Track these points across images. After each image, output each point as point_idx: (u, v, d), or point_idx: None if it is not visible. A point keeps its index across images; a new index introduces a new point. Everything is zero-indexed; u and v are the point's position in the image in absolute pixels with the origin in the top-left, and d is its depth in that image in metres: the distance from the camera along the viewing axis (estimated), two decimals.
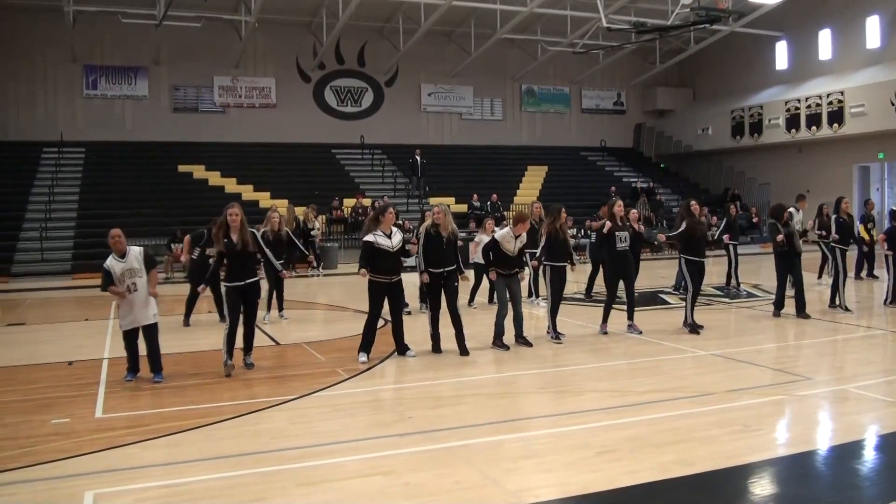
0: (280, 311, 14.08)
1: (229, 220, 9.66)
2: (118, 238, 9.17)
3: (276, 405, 8.00)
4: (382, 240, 10.05)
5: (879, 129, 30.77)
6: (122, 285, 9.07)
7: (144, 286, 9.19)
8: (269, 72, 35.44)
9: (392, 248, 10.10)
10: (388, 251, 10.05)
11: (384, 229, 10.14)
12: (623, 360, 10.33)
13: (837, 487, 5.87)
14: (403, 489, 5.62)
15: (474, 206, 29.87)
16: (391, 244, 10.09)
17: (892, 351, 11.17)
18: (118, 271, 9.07)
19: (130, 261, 9.17)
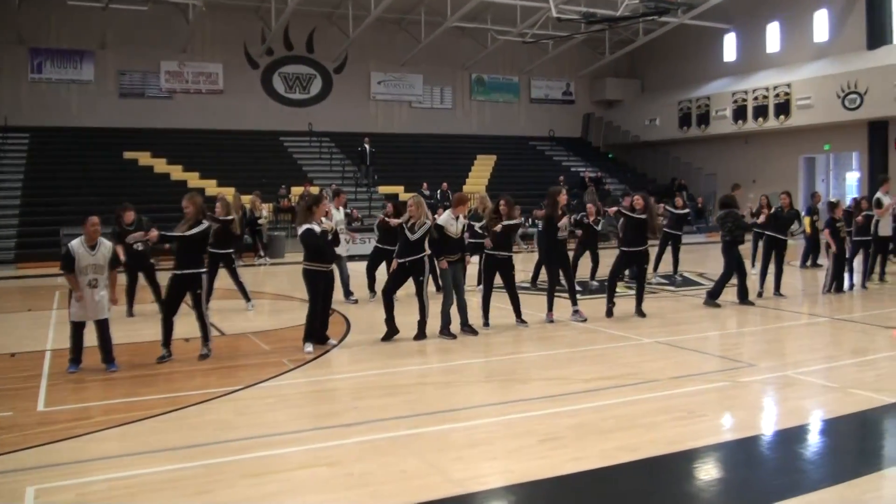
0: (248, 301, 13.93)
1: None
2: (97, 227, 9.12)
3: (221, 396, 7.93)
4: (317, 227, 10.05)
5: (826, 122, 31.33)
6: (84, 278, 8.95)
7: (104, 284, 9.09)
8: (216, 57, 34.88)
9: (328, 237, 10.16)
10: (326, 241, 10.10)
11: (316, 219, 10.15)
12: (569, 349, 10.38)
13: (782, 471, 5.98)
14: (348, 479, 5.61)
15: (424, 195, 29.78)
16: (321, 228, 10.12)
17: (833, 337, 11.41)
18: (84, 262, 8.94)
19: (99, 256, 9.07)
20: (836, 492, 5.41)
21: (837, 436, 6.95)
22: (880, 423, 7.29)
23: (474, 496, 5.35)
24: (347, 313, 13.04)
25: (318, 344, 10.25)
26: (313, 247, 10.01)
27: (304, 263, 10.18)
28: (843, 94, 30.22)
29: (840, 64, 31.12)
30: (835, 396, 7.92)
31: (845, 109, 30.23)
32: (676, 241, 17.57)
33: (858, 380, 8.58)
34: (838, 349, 10.55)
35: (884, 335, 11.48)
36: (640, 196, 12.82)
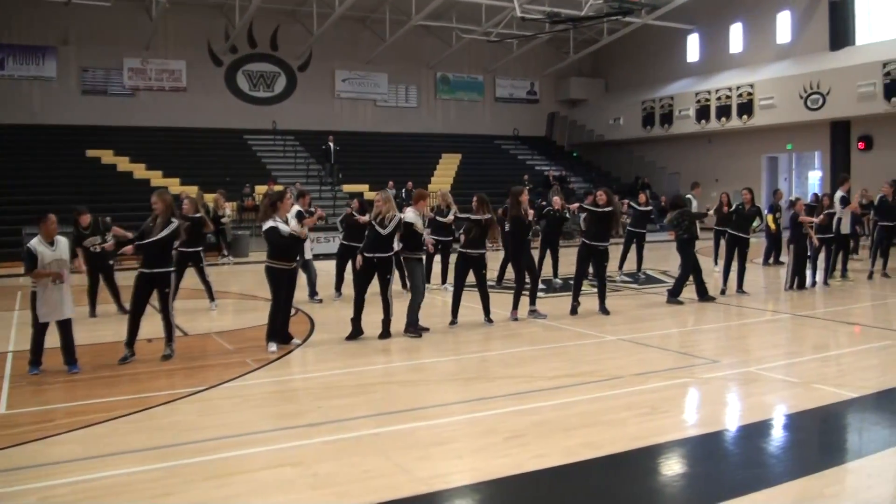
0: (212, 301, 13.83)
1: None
2: (55, 225, 9.03)
3: (184, 397, 7.86)
4: (282, 226, 10.00)
5: (788, 122, 31.67)
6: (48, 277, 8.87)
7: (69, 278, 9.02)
8: (179, 54, 34.53)
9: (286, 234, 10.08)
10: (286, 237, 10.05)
11: (282, 216, 10.10)
12: (533, 346, 10.43)
13: (745, 465, 6.06)
14: (312, 480, 5.59)
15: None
16: (286, 230, 10.07)
17: (796, 334, 11.55)
18: (47, 259, 8.84)
19: (60, 251, 8.99)
20: (798, 485, 5.48)
21: (800, 430, 7.05)
22: (842, 418, 7.39)
23: (439, 495, 5.35)
24: (312, 313, 12.98)
25: (281, 343, 10.21)
26: (277, 244, 9.95)
27: (267, 261, 10.13)
28: (805, 94, 30.56)
29: (803, 65, 31.49)
30: (797, 392, 8.02)
31: (808, 110, 30.59)
32: (641, 239, 17.70)
33: (820, 375, 8.70)
34: (800, 345, 10.68)
35: (845, 331, 11.66)
36: (603, 191, 12.90)
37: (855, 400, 7.66)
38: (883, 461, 6.06)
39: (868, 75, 28.38)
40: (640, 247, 17.72)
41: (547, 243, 16.31)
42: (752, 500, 5.20)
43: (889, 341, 10.51)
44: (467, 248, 11.58)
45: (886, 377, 8.53)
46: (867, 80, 28.35)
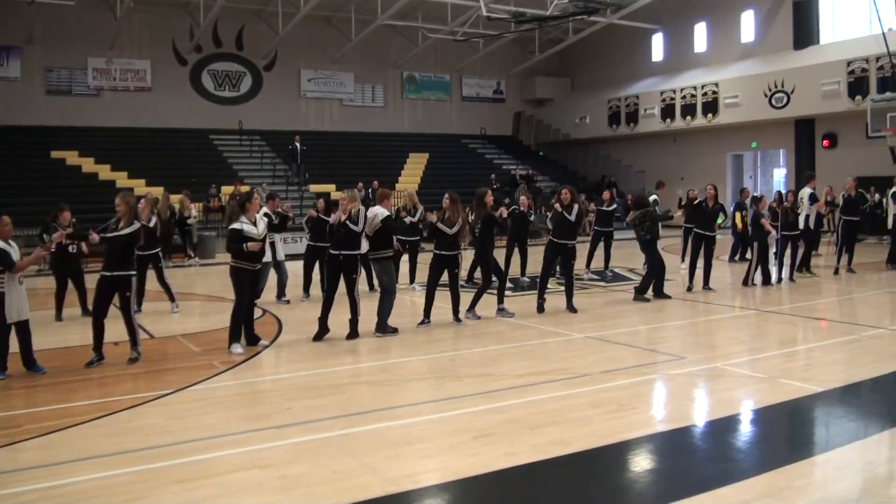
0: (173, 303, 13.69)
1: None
2: (9, 226, 8.93)
3: (152, 400, 7.78)
4: (249, 227, 9.96)
5: (752, 120, 32.03)
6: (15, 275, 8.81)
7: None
8: (144, 54, 34.25)
9: (258, 236, 10.04)
10: (255, 238, 9.97)
11: (249, 217, 10.06)
12: (501, 345, 10.45)
13: (713, 460, 6.12)
14: (281, 482, 5.56)
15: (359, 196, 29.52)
16: (257, 231, 10.05)
17: (762, 329, 11.65)
18: (14, 257, 8.77)
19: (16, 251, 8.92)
20: (766, 479, 5.52)
21: (767, 425, 7.11)
22: (809, 412, 7.47)
23: (409, 494, 5.34)
24: (280, 314, 12.92)
25: (249, 345, 10.15)
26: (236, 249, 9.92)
27: (231, 261, 10.07)
28: (770, 93, 30.90)
29: (767, 64, 31.82)
30: (764, 387, 8.10)
31: (772, 108, 30.94)
32: (608, 237, 17.82)
33: (787, 370, 8.79)
34: (766, 341, 10.76)
35: (811, 326, 11.81)
36: (567, 189, 12.94)
37: (821, 394, 7.75)
38: (850, 454, 6.14)
39: (832, 74, 28.74)
40: (607, 245, 17.83)
41: (514, 242, 16.34)
42: (720, 495, 5.24)
43: (854, 336, 10.66)
44: (441, 249, 11.58)
45: (852, 371, 8.63)
46: (831, 78, 28.71)
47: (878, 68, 27.10)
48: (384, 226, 11.00)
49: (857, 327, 11.32)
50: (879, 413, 7.34)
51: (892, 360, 9.26)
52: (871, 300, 14.31)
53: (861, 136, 25.88)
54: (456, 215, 11.57)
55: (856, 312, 13.08)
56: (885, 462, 6.10)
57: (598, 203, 18.02)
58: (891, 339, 10.53)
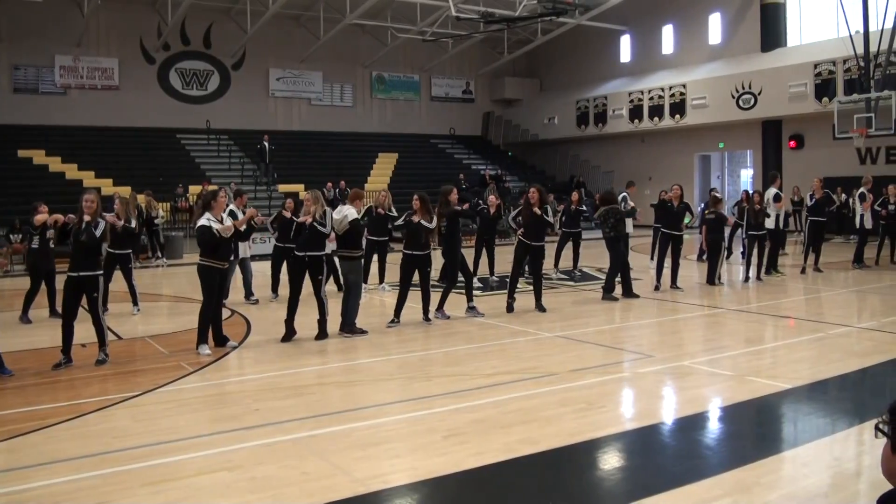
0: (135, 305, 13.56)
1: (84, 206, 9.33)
2: None
3: (119, 403, 7.68)
4: (216, 224, 9.87)
5: (720, 121, 32.33)
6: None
7: None
8: (112, 52, 33.90)
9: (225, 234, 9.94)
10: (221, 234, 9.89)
11: (216, 214, 9.97)
12: (470, 344, 10.45)
13: (681, 457, 6.16)
14: (250, 483, 5.52)
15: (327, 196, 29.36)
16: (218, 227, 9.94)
17: (729, 328, 11.74)
18: None
19: None
20: (734, 475, 5.56)
21: (735, 422, 7.17)
22: (776, 409, 7.54)
23: (378, 495, 5.32)
24: (248, 314, 12.85)
25: (217, 346, 10.09)
26: (208, 243, 9.83)
27: (199, 260, 10.00)
28: (737, 94, 31.20)
29: (734, 65, 32.11)
30: (731, 384, 8.17)
31: (739, 109, 31.23)
32: (576, 237, 17.93)
33: (754, 368, 8.87)
34: (734, 339, 10.84)
35: (778, 324, 11.92)
36: (535, 189, 12.97)
37: (789, 391, 7.82)
38: (817, 450, 6.20)
39: (799, 76, 29.08)
40: (575, 245, 17.96)
41: (482, 241, 16.37)
42: (689, 491, 5.26)
43: (821, 333, 10.77)
44: (413, 249, 11.55)
45: (819, 368, 8.72)
46: (798, 80, 29.05)
47: (844, 70, 27.42)
48: (352, 227, 10.98)
49: (823, 325, 11.44)
50: (846, 409, 7.42)
51: (858, 357, 9.38)
52: (837, 299, 14.48)
53: (828, 137, 26.20)
54: (429, 214, 11.57)
55: (822, 311, 13.22)
56: (852, 458, 6.16)
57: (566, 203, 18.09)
58: (857, 337, 10.67)
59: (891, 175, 25.03)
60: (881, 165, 27.95)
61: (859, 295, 14.90)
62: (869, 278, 16.77)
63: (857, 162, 28.18)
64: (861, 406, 7.43)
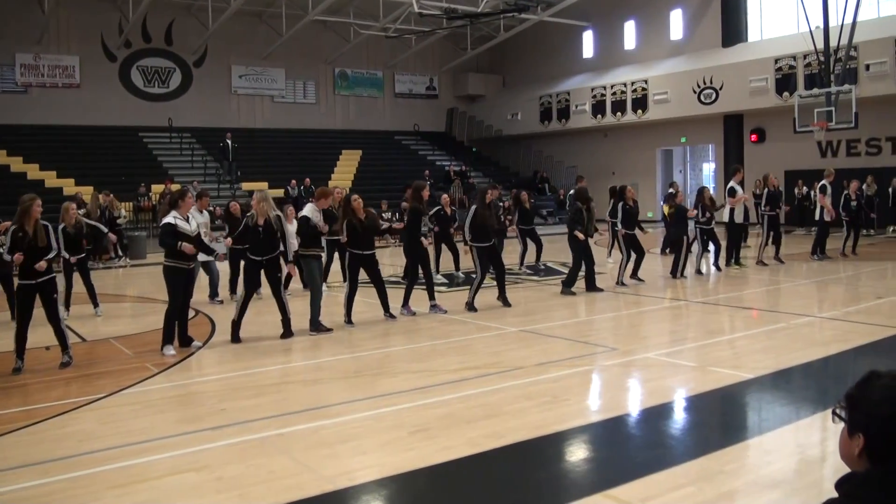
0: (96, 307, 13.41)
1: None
2: None
3: (83, 405, 7.61)
4: (182, 223, 9.82)
5: (682, 116, 32.62)
6: None
7: None
8: (73, 49, 33.40)
9: (191, 233, 9.89)
10: (188, 235, 9.83)
11: (182, 213, 9.91)
12: (435, 340, 10.47)
13: (646, 447, 6.24)
14: (217, 483, 5.50)
15: (290, 194, 29.26)
16: (190, 229, 9.90)
17: (692, 320, 11.88)
18: None
19: None
20: (698, 464, 5.63)
21: (699, 411, 7.27)
22: (740, 398, 7.63)
23: (346, 492, 5.33)
24: (213, 314, 12.78)
25: (182, 346, 10.03)
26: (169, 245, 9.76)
27: (164, 260, 9.93)
28: (698, 89, 31.48)
29: (696, 61, 32.39)
30: (695, 375, 8.27)
31: (701, 104, 31.53)
32: (532, 234, 18.04)
33: (717, 358, 8.97)
34: (697, 330, 10.96)
35: (740, 315, 12.06)
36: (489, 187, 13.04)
37: (752, 380, 7.93)
38: (781, 437, 6.30)
39: (760, 71, 29.42)
40: (535, 241, 18.06)
41: (440, 241, 16.41)
42: (654, 480, 5.32)
43: (783, 324, 10.92)
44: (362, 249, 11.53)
45: (781, 358, 8.83)
46: (759, 75, 29.39)
47: (805, 65, 27.79)
48: (299, 226, 10.98)
49: (785, 315, 11.59)
50: (810, 398, 7.53)
51: (820, 346, 9.52)
52: (798, 289, 14.67)
53: (788, 131, 26.50)
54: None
55: (784, 301, 13.37)
56: (816, 444, 6.26)
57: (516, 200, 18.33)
58: (819, 327, 10.83)
59: (851, 168, 25.43)
60: (842, 158, 28.37)
61: (820, 285, 15.11)
62: (829, 269, 17.01)
63: (818, 155, 28.56)
64: (824, 394, 7.52)
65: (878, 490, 2.15)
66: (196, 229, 10.06)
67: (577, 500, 5.10)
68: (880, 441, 2.19)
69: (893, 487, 2.13)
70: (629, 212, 15.29)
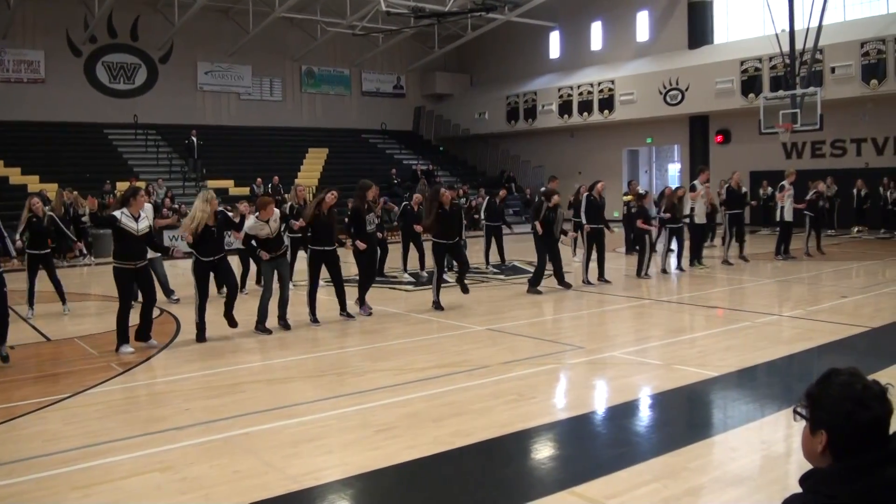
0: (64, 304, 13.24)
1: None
2: None
3: (47, 406, 7.51)
4: (128, 220, 9.71)
5: (648, 116, 32.86)
6: None
7: None
8: (37, 44, 32.87)
9: (137, 232, 9.77)
10: (132, 233, 9.71)
11: (132, 211, 9.79)
12: (401, 339, 10.45)
13: (611, 444, 6.29)
14: (181, 484, 5.46)
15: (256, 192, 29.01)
16: (136, 227, 9.77)
17: (657, 318, 11.95)
18: None
19: None
20: (663, 461, 5.68)
21: (664, 409, 7.32)
22: (705, 396, 7.71)
23: (311, 491, 5.31)
24: (178, 314, 12.68)
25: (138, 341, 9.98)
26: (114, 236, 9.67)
27: (112, 261, 9.88)
28: (664, 90, 31.71)
29: (662, 62, 32.62)
30: (660, 373, 8.33)
31: (667, 105, 31.76)
32: (498, 231, 18.10)
33: (682, 357, 9.04)
34: (662, 329, 11.03)
35: (705, 314, 12.16)
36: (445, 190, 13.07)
37: (716, 378, 8.01)
38: (745, 434, 6.37)
39: (726, 73, 29.69)
40: (498, 239, 18.14)
41: (407, 239, 16.42)
42: (619, 478, 5.36)
43: (748, 323, 11.02)
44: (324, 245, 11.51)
45: (746, 356, 8.92)
46: (725, 77, 29.66)
47: (770, 68, 28.08)
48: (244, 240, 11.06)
49: (750, 314, 11.70)
50: (774, 395, 7.59)
51: (785, 344, 9.64)
52: (763, 289, 14.81)
53: (754, 132, 26.76)
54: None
55: (749, 301, 13.48)
56: (780, 441, 6.32)
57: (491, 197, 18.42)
58: (784, 325, 10.94)
59: (816, 169, 25.73)
60: (807, 160, 28.73)
61: (784, 285, 15.25)
62: (792, 269, 17.19)
63: (783, 156, 28.86)
64: (788, 391, 7.58)
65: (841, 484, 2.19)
66: (146, 228, 9.91)
67: (542, 497, 5.12)
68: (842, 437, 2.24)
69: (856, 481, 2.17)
70: (593, 202, 15.36)
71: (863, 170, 26.99)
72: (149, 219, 10.18)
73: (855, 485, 2.17)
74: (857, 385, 2.27)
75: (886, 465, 2.18)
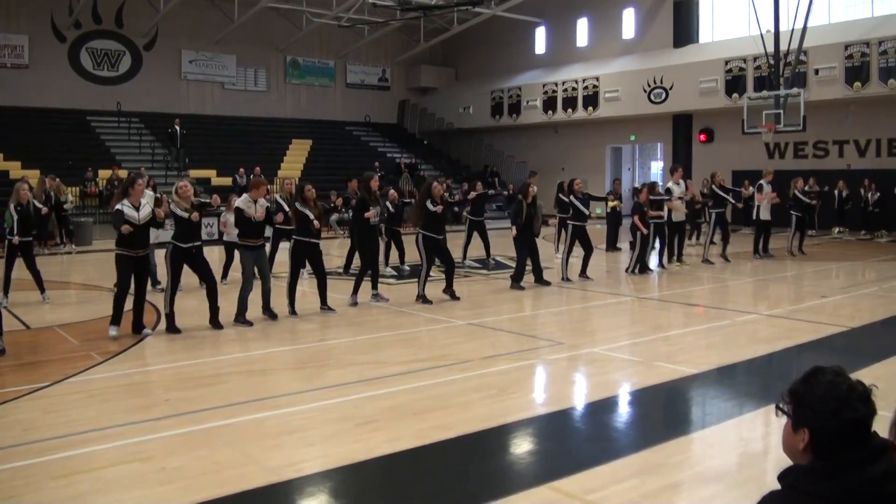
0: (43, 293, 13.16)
1: None
2: None
3: (27, 394, 7.47)
4: (130, 211, 9.74)
5: (632, 114, 32.90)
6: None
7: None
8: (22, 28, 32.49)
9: (138, 221, 9.80)
10: (134, 223, 9.73)
11: (133, 201, 9.85)
12: (383, 332, 10.48)
13: (591, 440, 6.32)
14: (161, 474, 5.45)
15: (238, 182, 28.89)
16: (138, 216, 9.81)
17: (637, 315, 12.02)
18: None
19: None
20: (642, 457, 5.72)
21: (644, 406, 7.37)
22: (685, 393, 7.75)
23: (291, 483, 5.31)
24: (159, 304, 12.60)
25: (135, 333, 9.96)
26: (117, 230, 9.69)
27: (114, 248, 9.86)
28: (649, 88, 31.79)
29: (647, 60, 32.69)
30: (640, 370, 8.37)
31: (651, 103, 31.84)
32: (481, 226, 18.10)
33: (661, 353, 9.10)
34: (642, 326, 11.08)
35: (686, 312, 12.23)
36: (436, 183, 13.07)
37: (696, 375, 8.06)
38: (724, 431, 6.43)
39: (710, 72, 29.79)
40: (482, 234, 18.12)
41: (390, 233, 16.42)
42: (599, 473, 5.39)
43: (728, 321, 11.09)
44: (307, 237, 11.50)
45: (726, 354, 8.98)
46: (709, 76, 29.77)
47: (755, 68, 28.20)
48: (235, 217, 11.01)
49: (731, 312, 11.76)
50: (753, 393, 7.63)
51: (765, 342, 9.68)
52: (745, 287, 14.90)
53: (737, 131, 26.88)
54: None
55: (730, 299, 13.57)
56: (759, 438, 6.38)
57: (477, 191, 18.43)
58: (764, 324, 10.99)
59: (798, 169, 25.80)
60: (789, 160, 28.88)
61: (765, 283, 15.35)
62: (774, 268, 17.30)
63: (765, 156, 28.96)
64: (768, 389, 7.62)
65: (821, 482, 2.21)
66: (147, 216, 9.95)
67: (522, 491, 5.15)
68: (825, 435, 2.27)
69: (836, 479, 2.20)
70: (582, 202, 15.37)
71: (844, 171, 27.14)
72: (150, 205, 10.17)
73: (835, 482, 2.19)
74: (843, 385, 2.30)
75: (867, 464, 2.21)
